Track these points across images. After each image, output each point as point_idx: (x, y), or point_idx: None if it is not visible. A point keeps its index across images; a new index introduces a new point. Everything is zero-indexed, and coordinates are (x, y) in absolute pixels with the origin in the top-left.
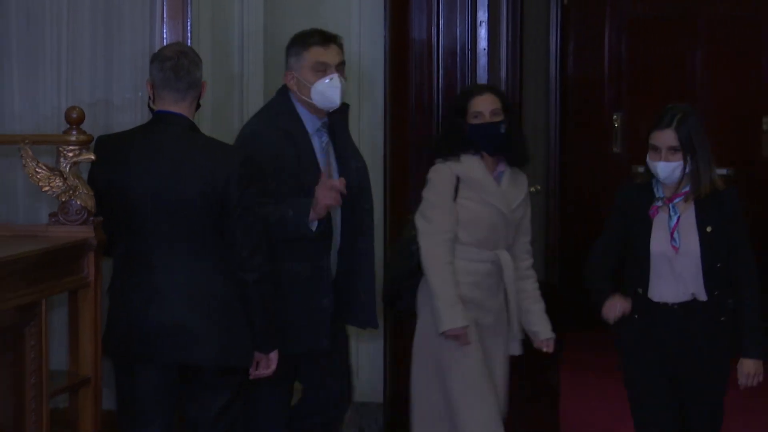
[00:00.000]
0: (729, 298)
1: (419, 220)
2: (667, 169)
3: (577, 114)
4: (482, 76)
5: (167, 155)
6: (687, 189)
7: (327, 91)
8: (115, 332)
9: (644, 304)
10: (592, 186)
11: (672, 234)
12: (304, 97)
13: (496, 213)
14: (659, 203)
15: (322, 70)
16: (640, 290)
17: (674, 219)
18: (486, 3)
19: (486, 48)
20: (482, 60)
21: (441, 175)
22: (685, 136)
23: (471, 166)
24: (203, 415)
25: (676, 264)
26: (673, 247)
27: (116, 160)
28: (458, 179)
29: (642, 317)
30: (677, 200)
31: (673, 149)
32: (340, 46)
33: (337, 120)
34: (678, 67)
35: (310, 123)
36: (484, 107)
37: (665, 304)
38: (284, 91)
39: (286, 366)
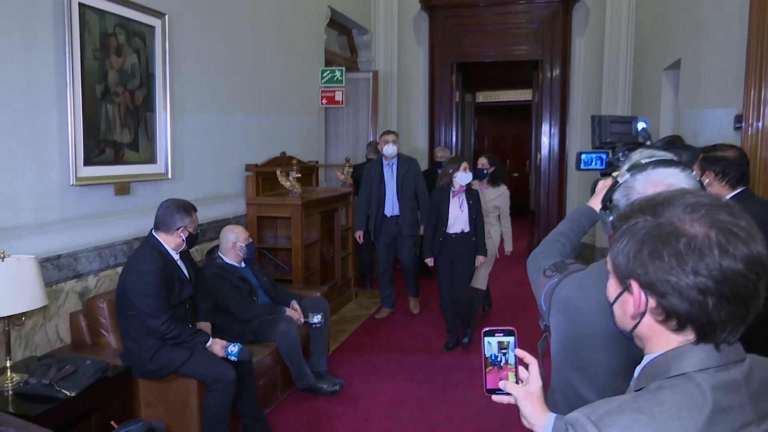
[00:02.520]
0: (476, 230)
1: None
2: (465, 177)
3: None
4: (458, 149)
5: (377, 167)
6: (464, 188)
7: (387, 149)
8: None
9: (445, 234)
10: None
11: (460, 206)
12: (382, 153)
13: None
14: (454, 193)
15: (386, 141)
16: (443, 228)
17: (461, 199)
18: (455, 128)
19: (454, 140)
20: (457, 144)
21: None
22: (470, 165)
23: (475, 184)
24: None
25: (459, 218)
26: (461, 211)
27: (358, 170)
28: None
29: (444, 240)
30: (461, 192)
31: (465, 169)
32: (395, 134)
33: (405, 165)
34: (500, 146)
35: (385, 162)
36: (482, 163)
37: (452, 234)
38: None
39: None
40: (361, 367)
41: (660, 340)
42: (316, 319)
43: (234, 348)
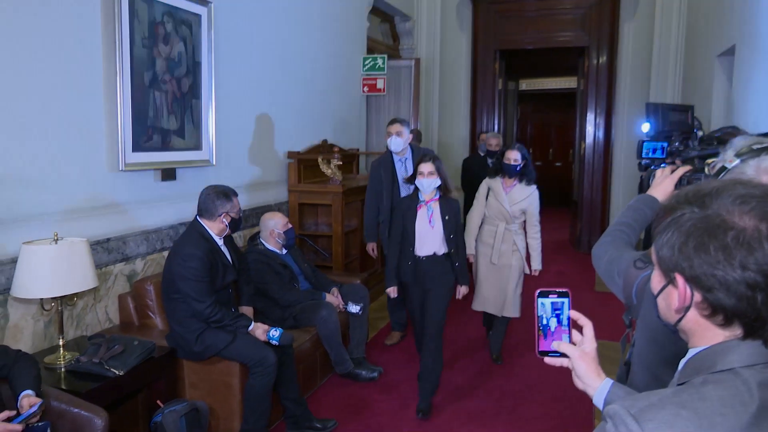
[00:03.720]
0: (456, 252)
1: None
2: (427, 183)
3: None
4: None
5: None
6: (437, 197)
7: (391, 144)
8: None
9: (413, 255)
10: None
11: (429, 220)
12: (389, 147)
13: (500, 206)
14: (422, 203)
15: (390, 134)
16: (411, 248)
17: (430, 212)
18: (497, 116)
19: (497, 129)
20: (495, 130)
21: (482, 185)
22: (437, 167)
23: (495, 182)
24: None
25: (429, 236)
26: (431, 226)
27: None
28: (489, 188)
29: (412, 263)
30: (431, 202)
31: (430, 173)
32: (401, 123)
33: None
34: (543, 135)
35: (396, 158)
36: (513, 158)
37: (422, 256)
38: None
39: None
40: (399, 355)
41: (705, 334)
42: (356, 308)
43: (275, 332)
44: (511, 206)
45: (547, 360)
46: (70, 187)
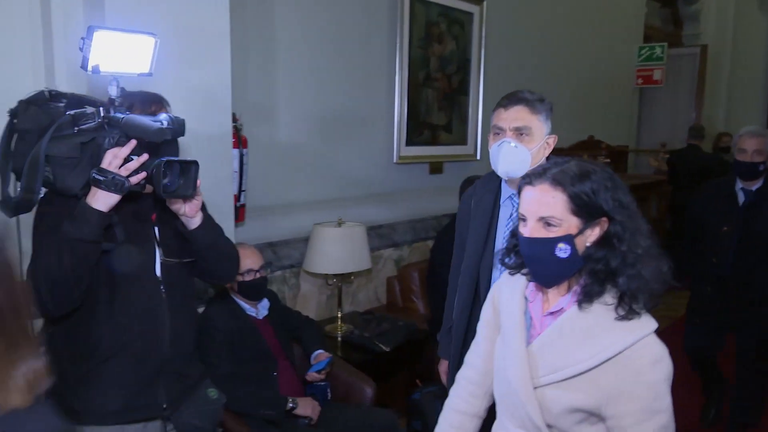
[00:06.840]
0: None
1: None
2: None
3: None
4: None
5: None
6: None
7: (492, 156)
8: None
9: None
10: None
11: None
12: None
13: (509, 376)
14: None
15: (496, 133)
16: None
17: None
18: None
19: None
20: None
21: (491, 292)
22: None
23: (512, 289)
24: None
25: None
26: None
27: (675, 157)
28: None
29: None
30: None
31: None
32: (532, 109)
33: None
34: None
35: (505, 190)
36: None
37: None
38: None
39: None
40: None
41: None
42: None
43: None
44: (547, 382)
45: None
46: (353, 177)
